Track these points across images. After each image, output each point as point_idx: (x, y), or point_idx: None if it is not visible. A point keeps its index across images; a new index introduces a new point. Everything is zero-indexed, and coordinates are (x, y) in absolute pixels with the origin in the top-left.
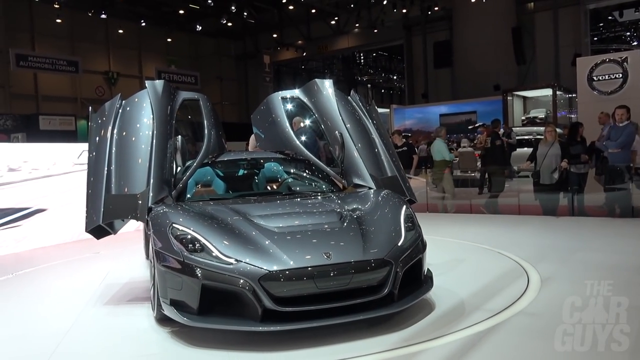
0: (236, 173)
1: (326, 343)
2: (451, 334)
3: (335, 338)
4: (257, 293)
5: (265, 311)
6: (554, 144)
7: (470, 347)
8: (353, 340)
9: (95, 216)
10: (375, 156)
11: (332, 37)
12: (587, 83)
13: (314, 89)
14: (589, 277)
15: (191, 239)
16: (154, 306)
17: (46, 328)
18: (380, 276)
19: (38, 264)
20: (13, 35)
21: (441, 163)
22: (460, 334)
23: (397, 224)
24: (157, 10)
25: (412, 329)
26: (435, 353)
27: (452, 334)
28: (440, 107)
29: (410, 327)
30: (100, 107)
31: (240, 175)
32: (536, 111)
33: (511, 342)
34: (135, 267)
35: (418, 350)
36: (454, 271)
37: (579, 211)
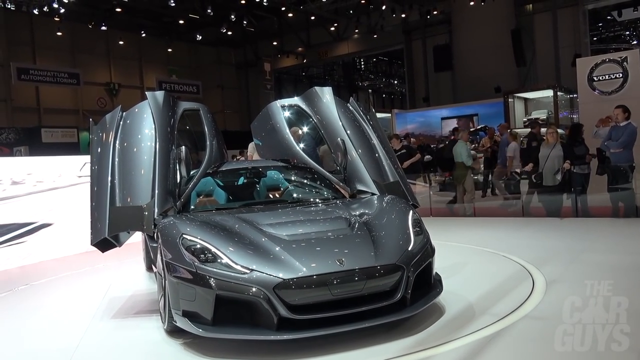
0: (239, 182)
1: (339, 350)
2: (459, 339)
3: (347, 344)
4: (272, 302)
5: (280, 319)
6: (555, 145)
7: (477, 351)
8: (366, 346)
9: (101, 229)
10: (376, 162)
11: (332, 43)
12: (587, 83)
13: (313, 96)
14: (594, 278)
15: (203, 249)
16: (164, 318)
17: (55, 344)
18: (393, 281)
19: (38, 278)
20: (14, 49)
21: (461, 165)
22: (468, 338)
23: (406, 229)
24: (158, 20)
25: (424, 334)
26: (446, 357)
27: (459, 338)
28: (441, 111)
29: (422, 332)
30: (101, 119)
31: (243, 184)
32: (538, 112)
33: (517, 346)
34: (136, 279)
35: (429, 355)
36: (459, 275)
37: (583, 212)
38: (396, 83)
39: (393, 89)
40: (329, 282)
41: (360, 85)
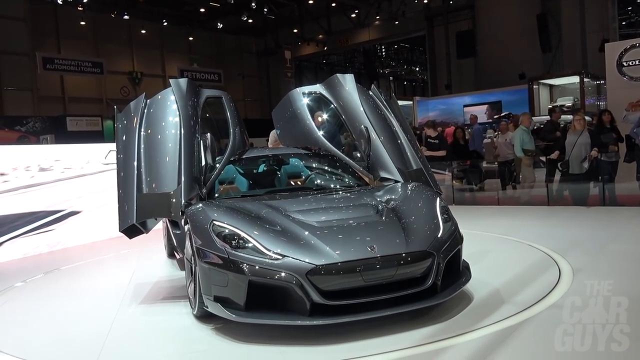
0: (262, 170)
1: (369, 336)
2: (485, 327)
3: (377, 331)
4: (304, 288)
5: (313, 305)
6: (583, 132)
7: (502, 341)
8: (397, 332)
9: (129, 216)
10: (399, 149)
11: (353, 30)
12: (616, 69)
13: (335, 83)
14: (621, 268)
15: (234, 235)
16: (193, 304)
17: (87, 329)
18: (424, 268)
19: (66, 263)
20: (39, 39)
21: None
22: (494, 327)
23: (434, 216)
24: (179, 9)
25: (450, 322)
26: (474, 345)
27: (485, 327)
28: (464, 98)
29: (450, 320)
30: (126, 107)
31: (267, 172)
32: (563, 99)
33: (543, 336)
34: (159, 266)
35: (454, 343)
36: (482, 263)
37: (611, 201)
38: (418, 70)
39: (414, 76)
40: (361, 268)
41: (381, 73)
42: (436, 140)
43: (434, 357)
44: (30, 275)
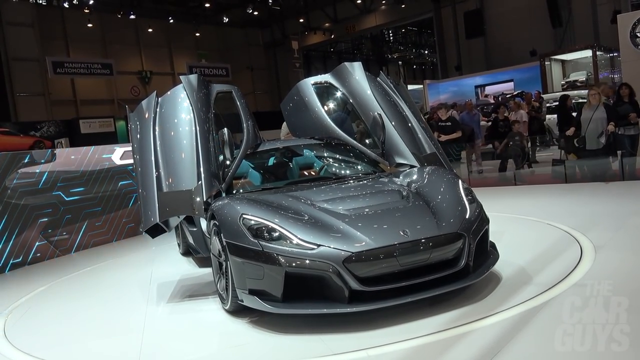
0: (279, 162)
1: (406, 320)
2: (510, 309)
3: (411, 315)
4: (342, 275)
5: (351, 292)
6: (598, 107)
7: (529, 320)
8: (433, 315)
9: (152, 215)
10: (412, 134)
11: (359, 16)
12: (630, 40)
13: (344, 72)
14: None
15: (266, 228)
16: (225, 298)
17: (121, 331)
18: (456, 249)
19: (85, 266)
20: (48, 43)
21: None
22: (519, 308)
23: (459, 197)
24: (184, 5)
25: (486, 301)
26: (507, 323)
27: (511, 308)
28: (475, 79)
29: (483, 299)
30: (137, 106)
31: (284, 164)
32: (576, 74)
33: (568, 315)
34: (176, 264)
35: (494, 322)
36: (503, 243)
37: (630, 175)
38: (427, 53)
39: (424, 60)
40: (396, 253)
41: (390, 58)
42: (448, 122)
43: (474, 337)
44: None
